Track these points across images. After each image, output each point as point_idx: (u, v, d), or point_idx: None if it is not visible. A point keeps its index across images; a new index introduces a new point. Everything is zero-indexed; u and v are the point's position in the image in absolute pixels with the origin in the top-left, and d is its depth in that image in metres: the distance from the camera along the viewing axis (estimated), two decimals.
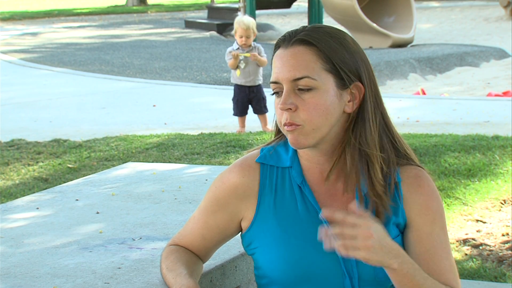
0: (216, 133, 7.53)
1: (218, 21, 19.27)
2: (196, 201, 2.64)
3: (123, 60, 14.78)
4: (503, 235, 4.54)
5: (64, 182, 4.56)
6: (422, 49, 15.25)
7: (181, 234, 2.01)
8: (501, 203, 5.03)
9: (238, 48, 7.90)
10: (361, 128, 1.84)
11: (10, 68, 13.96)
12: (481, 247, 4.39)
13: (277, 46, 1.87)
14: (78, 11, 29.19)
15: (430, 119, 8.51)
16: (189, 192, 2.78)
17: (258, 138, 7.03)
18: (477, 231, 4.62)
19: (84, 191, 2.83)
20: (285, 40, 1.85)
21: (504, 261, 4.20)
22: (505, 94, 10.47)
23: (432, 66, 13.87)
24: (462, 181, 5.40)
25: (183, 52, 15.74)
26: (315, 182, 1.90)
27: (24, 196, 2.87)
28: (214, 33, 18.98)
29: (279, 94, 1.84)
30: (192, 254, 1.98)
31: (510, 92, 10.56)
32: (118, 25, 23.08)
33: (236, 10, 16.65)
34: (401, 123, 8.16)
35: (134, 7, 30.85)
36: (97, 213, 2.56)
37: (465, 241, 4.47)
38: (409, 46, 16.01)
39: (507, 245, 4.39)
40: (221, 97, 10.26)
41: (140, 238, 2.29)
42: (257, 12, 17.92)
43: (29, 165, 6.43)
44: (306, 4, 18.67)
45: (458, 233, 4.60)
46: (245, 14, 10.19)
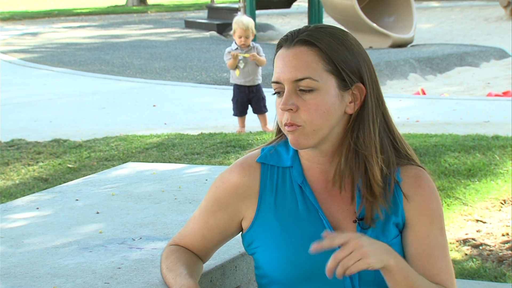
0: (216, 133, 7.52)
1: (218, 21, 19.28)
2: (196, 201, 2.64)
3: (123, 60, 14.77)
4: (503, 235, 4.54)
5: (64, 182, 4.56)
6: (422, 49, 15.25)
7: (182, 234, 2.01)
8: (501, 203, 5.03)
9: (237, 48, 7.90)
10: (361, 130, 1.84)
11: (10, 68, 13.96)
12: (481, 247, 4.39)
13: (279, 46, 1.87)
14: (78, 11, 29.18)
15: (430, 119, 8.51)
16: (189, 192, 2.77)
17: (258, 138, 7.03)
18: (477, 231, 4.62)
19: (84, 191, 2.83)
20: (288, 40, 1.85)
21: (504, 261, 4.20)
22: (505, 94, 10.46)
23: (432, 66, 13.87)
24: (462, 181, 5.40)
25: (183, 52, 15.74)
26: (316, 182, 1.90)
27: (24, 196, 2.86)
28: (214, 33, 18.98)
29: (280, 94, 1.84)
30: (192, 254, 1.98)
31: (510, 92, 10.56)
32: (118, 25, 23.08)
33: (236, 10, 16.64)
34: (401, 123, 8.16)
35: (134, 7, 30.85)
36: (97, 213, 2.55)
37: (465, 241, 4.47)
38: (409, 46, 16.01)
39: (507, 245, 4.39)
40: (221, 97, 10.25)
41: (140, 238, 2.29)
42: (257, 12, 17.94)
43: (29, 165, 6.43)
44: (306, 4, 18.68)
45: (458, 233, 4.60)
46: (244, 14, 10.17)
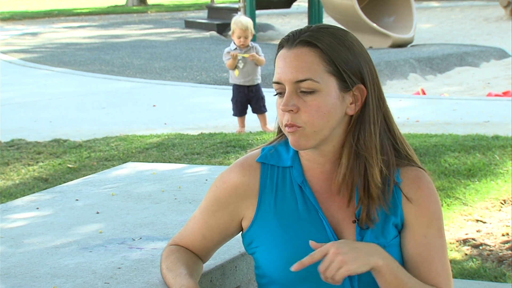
0: (216, 133, 7.52)
1: (218, 21, 19.28)
2: (196, 201, 2.64)
3: (123, 60, 14.77)
4: (503, 235, 4.54)
5: (64, 182, 4.56)
6: (422, 49, 15.25)
7: (182, 234, 2.01)
8: (501, 203, 5.03)
9: (236, 49, 7.90)
10: (361, 131, 1.84)
11: (10, 68, 13.96)
12: (481, 247, 4.39)
13: (281, 46, 1.87)
14: (78, 11, 29.18)
15: (430, 119, 8.51)
16: (189, 192, 2.77)
17: (258, 138, 7.03)
18: (477, 231, 4.62)
19: (84, 191, 2.83)
20: (289, 40, 1.85)
21: (504, 261, 4.20)
22: (505, 94, 10.46)
23: (432, 66, 13.87)
24: (462, 181, 5.40)
25: (183, 52, 15.74)
26: (316, 182, 1.90)
27: (24, 196, 2.86)
28: (214, 33, 18.98)
29: (281, 95, 1.84)
30: (193, 254, 1.98)
31: (510, 92, 10.55)
32: (118, 25, 23.08)
33: (236, 10, 16.65)
34: (401, 123, 8.15)
35: (134, 7, 30.85)
36: (97, 213, 2.55)
37: (465, 241, 4.47)
38: (409, 46, 16.01)
39: (507, 245, 4.39)
40: (221, 97, 10.25)
41: (140, 238, 2.29)
42: (257, 12, 17.93)
43: (29, 165, 6.43)
44: (306, 4, 18.68)
45: (458, 233, 4.60)
46: (242, 14, 10.17)
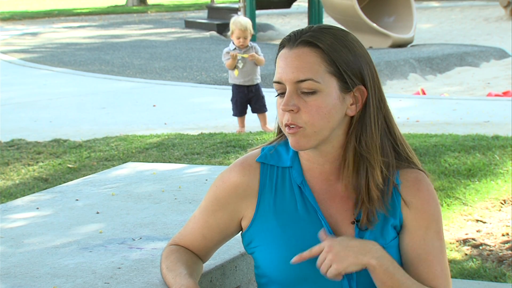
0: (216, 133, 7.52)
1: (218, 21, 19.27)
2: (196, 201, 2.64)
3: (123, 60, 14.77)
4: (503, 235, 4.54)
5: (64, 182, 4.56)
6: (422, 49, 15.25)
7: (182, 234, 2.01)
8: (501, 203, 5.03)
9: (235, 49, 7.89)
10: (362, 132, 1.84)
11: (10, 68, 13.96)
12: (481, 247, 4.39)
13: (282, 46, 1.86)
14: (78, 11, 29.18)
15: (430, 119, 8.51)
16: (189, 192, 2.77)
17: (258, 138, 7.03)
18: (477, 231, 4.62)
19: (84, 191, 2.83)
20: (290, 40, 1.85)
21: (504, 261, 4.20)
22: (505, 94, 10.46)
23: (432, 66, 13.87)
24: (462, 181, 5.40)
25: (183, 52, 15.74)
26: (315, 183, 1.90)
27: (24, 196, 2.86)
28: (214, 33, 18.98)
29: (282, 95, 1.84)
30: (192, 254, 1.98)
31: (510, 92, 10.56)
32: (118, 25, 23.08)
33: (236, 10, 16.65)
34: (401, 123, 8.15)
35: (134, 7, 30.84)
36: (97, 213, 2.55)
37: (465, 241, 4.47)
38: (409, 46, 16.01)
39: (507, 245, 4.39)
40: (221, 97, 10.25)
41: (140, 238, 2.29)
42: (257, 12, 17.93)
43: (29, 165, 6.43)
44: (306, 4, 18.68)
45: (458, 233, 4.60)
46: (241, 15, 10.18)
